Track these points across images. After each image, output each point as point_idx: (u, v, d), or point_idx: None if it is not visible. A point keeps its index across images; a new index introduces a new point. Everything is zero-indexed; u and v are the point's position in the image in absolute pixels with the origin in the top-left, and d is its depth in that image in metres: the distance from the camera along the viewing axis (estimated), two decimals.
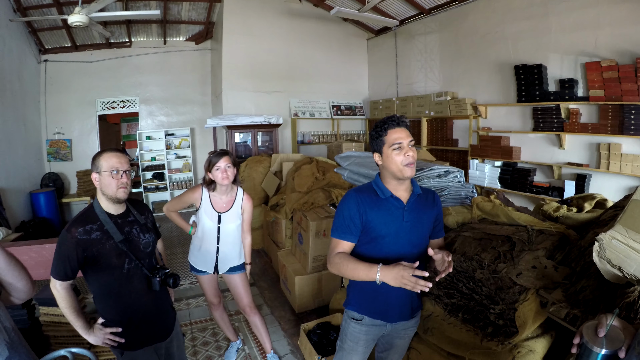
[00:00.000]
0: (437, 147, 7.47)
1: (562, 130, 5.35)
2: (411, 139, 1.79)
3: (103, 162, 1.88)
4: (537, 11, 5.64)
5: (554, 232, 2.20)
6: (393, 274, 1.54)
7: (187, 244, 6.29)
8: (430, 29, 7.71)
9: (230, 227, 2.90)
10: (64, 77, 8.27)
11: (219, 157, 2.76)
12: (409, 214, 1.84)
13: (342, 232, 1.83)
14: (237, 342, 3.47)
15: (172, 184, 9.19)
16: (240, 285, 3.03)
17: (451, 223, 2.68)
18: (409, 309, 1.96)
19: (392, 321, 1.95)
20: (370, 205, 1.82)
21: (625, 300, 1.44)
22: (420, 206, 1.89)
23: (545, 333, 1.88)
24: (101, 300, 1.96)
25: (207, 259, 2.95)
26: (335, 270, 1.79)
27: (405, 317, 1.96)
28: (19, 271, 1.44)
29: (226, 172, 2.76)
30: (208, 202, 2.89)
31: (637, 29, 4.59)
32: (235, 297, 3.12)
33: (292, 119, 8.76)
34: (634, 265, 1.50)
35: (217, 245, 2.91)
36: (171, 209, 3.06)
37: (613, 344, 1.01)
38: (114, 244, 1.87)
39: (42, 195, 7.24)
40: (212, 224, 2.88)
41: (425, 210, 1.90)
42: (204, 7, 8.28)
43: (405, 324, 2.00)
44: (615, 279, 1.54)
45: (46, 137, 8.24)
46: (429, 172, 3.10)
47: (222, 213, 2.88)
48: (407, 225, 1.83)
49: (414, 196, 1.87)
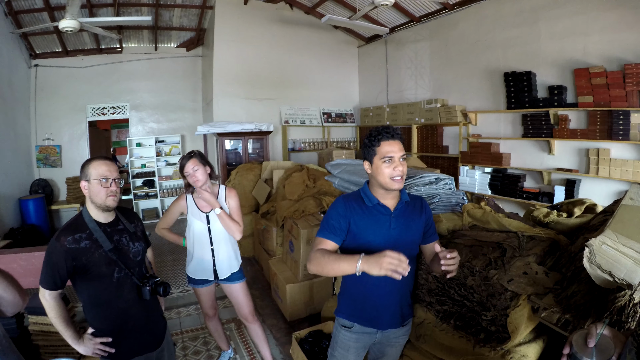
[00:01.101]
0: (427, 154, 7.51)
1: (551, 136, 5.41)
2: (403, 153, 1.79)
3: (92, 170, 1.86)
4: (526, 19, 5.72)
5: (544, 238, 2.21)
6: (375, 259, 1.51)
7: (178, 252, 6.29)
8: (421, 36, 7.77)
9: (220, 225, 2.86)
10: (55, 83, 8.21)
11: (185, 161, 2.76)
12: (396, 221, 1.84)
13: (326, 232, 1.82)
14: (228, 351, 3.43)
15: (162, 191, 9.11)
16: (241, 295, 3.00)
17: (442, 230, 2.68)
18: (399, 317, 1.95)
19: (382, 328, 1.94)
20: (358, 212, 1.84)
21: (616, 305, 1.44)
22: (408, 213, 1.89)
23: (537, 338, 1.87)
24: (91, 309, 1.93)
25: (205, 265, 2.91)
26: (315, 266, 1.70)
27: (396, 324, 1.95)
28: (7, 283, 1.41)
29: (195, 175, 2.73)
30: (193, 205, 2.90)
31: (624, 35, 4.68)
32: (236, 306, 3.09)
33: (283, 127, 8.76)
34: (624, 270, 1.51)
35: (211, 247, 2.89)
36: (162, 226, 3.02)
37: (603, 354, 1.00)
38: (103, 253, 1.85)
39: (31, 201, 7.14)
40: (202, 225, 2.87)
41: (413, 217, 1.90)
42: (196, 13, 8.28)
43: (396, 331, 1.99)
44: (606, 284, 1.54)
45: (36, 143, 8.14)
46: (420, 180, 3.11)
47: (209, 212, 2.86)
48: (395, 232, 1.83)
49: (402, 203, 1.88)
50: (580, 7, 5.09)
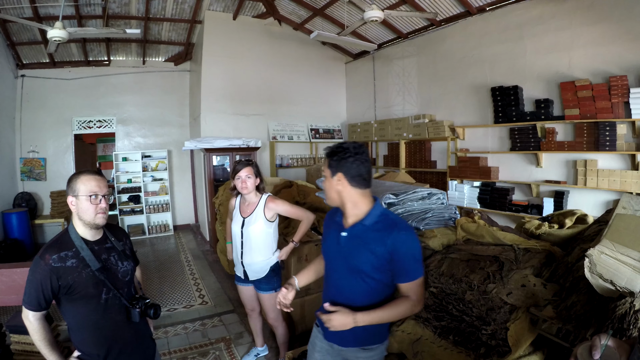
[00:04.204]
0: (415, 169, 7.52)
1: (539, 149, 5.47)
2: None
3: (81, 186, 1.78)
4: (512, 35, 5.83)
5: (539, 250, 2.21)
6: None
7: (164, 269, 6.17)
8: (408, 52, 7.87)
9: (253, 231, 2.99)
10: (41, 94, 8.09)
11: (242, 166, 2.96)
12: (346, 241, 1.76)
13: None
14: (261, 348, 3.64)
15: (148, 207, 8.94)
16: (267, 304, 3.16)
17: (436, 245, 2.66)
18: (348, 335, 1.76)
19: (326, 335, 1.88)
20: (328, 223, 1.95)
21: (617, 313, 1.43)
22: (363, 237, 1.73)
23: (537, 350, 1.84)
24: (77, 332, 1.82)
25: (237, 264, 3.16)
26: None
27: (342, 341, 1.84)
28: None
29: (245, 182, 2.93)
30: (237, 208, 3.14)
31: (609, 49, 4.79)
32: (263, 310, 3.37)
33: (271, 142, 8.71)
34: (624, 279, 1.51)
35: (241, 250, 3.06)
36: (225, 219, 3.34)
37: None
38: (90, 273, 1.76)
39: (14, 215, 6.95)
40: (237, 228, 3.07)
41: (367, 244, 1.71)
42: (184, 27, 8.27)
43: (355, 351, 1.84)
44: (608, 293, 1.54)
45: (20, 155, 7.97)
46: (413, 195, 3.11)
47: (246, 217, 3.03)
48: (344, 251, 1.77)
49: (360, 225, 1.74)
50: (564, 23, 5.21)
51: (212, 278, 5.86)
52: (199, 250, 7.53)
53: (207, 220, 7.66)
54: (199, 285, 5.58)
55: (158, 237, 8.80)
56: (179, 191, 9.54)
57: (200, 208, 9.00)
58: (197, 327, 4.28)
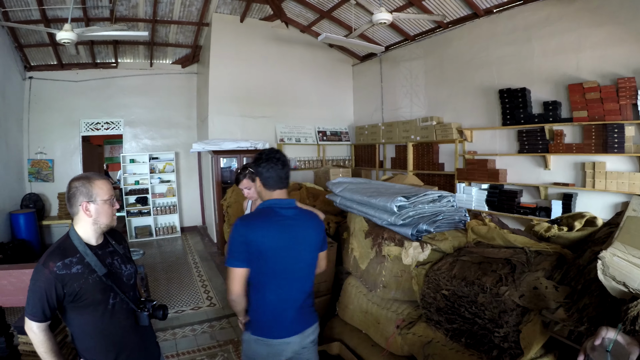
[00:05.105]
0: (423, 171, 7.52)
1: (547, 152, 5.45)
2: None
3: (98, 190, 1.77)
4: (520, 37, 5.82)
5: (551, 253, 2.20)
6: None
7: (171, 270, 6.18)
8: (415, 55, 7.87)
9: None
10: (49, 96, 8.17)
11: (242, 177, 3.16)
12: None
13: None
14: None
15: (155, 208, 9.00)
16: None
17: (448, 248, 2.65)
18: None
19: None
20: None
21: (629, 315, 1.44)
22: None
23: (548, 353, 1.84)
24: (83, 340, 1.78)
25: None
26: None
27: None
28: None
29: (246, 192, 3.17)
30: (248, 210, 3.33)
31: (616, 50, 4.78)
32: None
33: (278, 144, 8.71)
34: (637, 280, 1.51)
35: None
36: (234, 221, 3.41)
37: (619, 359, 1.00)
38: (97, 278, 1.73)
39: (22, 216, 7.02)
40: None
41: None
42: (192, 30, 8.33)
43: None
44: (621, 295, 1.54)
45: (28, 157, 8.06)
46: (423, 198, 3.10)
47: None
48: None
49: None
50: (572, 25, 5.20)
51: (220, 280, 5.88)
52: (206, 252, 7.56)
53: (214, 222, 7.68)
54: (206, 287, 5.61)
55: (165, 238, 8.85)
56: (186, 193, 9.59)
57: (207, 210, 9.04)
58: (205, 329, 4.30)
